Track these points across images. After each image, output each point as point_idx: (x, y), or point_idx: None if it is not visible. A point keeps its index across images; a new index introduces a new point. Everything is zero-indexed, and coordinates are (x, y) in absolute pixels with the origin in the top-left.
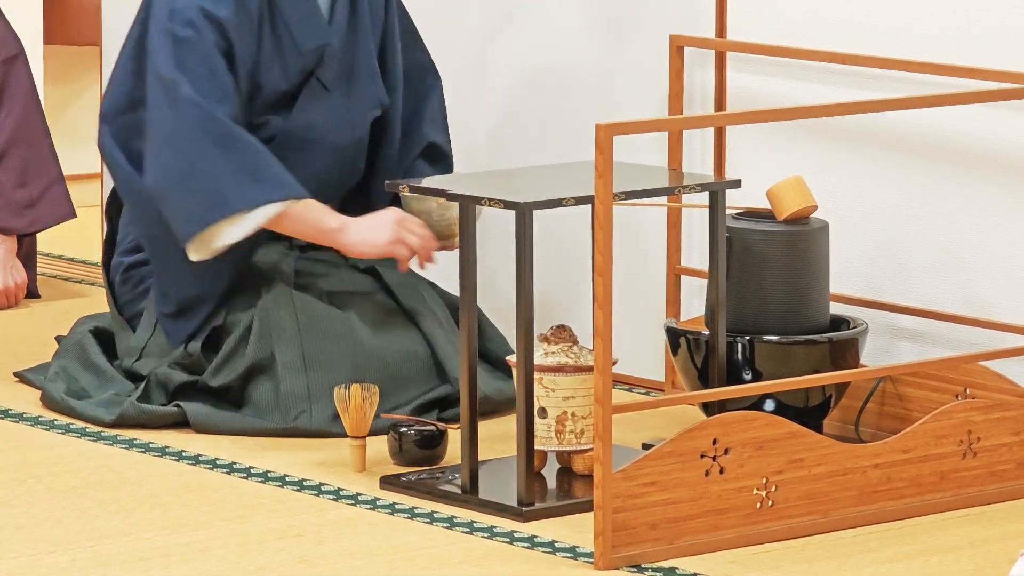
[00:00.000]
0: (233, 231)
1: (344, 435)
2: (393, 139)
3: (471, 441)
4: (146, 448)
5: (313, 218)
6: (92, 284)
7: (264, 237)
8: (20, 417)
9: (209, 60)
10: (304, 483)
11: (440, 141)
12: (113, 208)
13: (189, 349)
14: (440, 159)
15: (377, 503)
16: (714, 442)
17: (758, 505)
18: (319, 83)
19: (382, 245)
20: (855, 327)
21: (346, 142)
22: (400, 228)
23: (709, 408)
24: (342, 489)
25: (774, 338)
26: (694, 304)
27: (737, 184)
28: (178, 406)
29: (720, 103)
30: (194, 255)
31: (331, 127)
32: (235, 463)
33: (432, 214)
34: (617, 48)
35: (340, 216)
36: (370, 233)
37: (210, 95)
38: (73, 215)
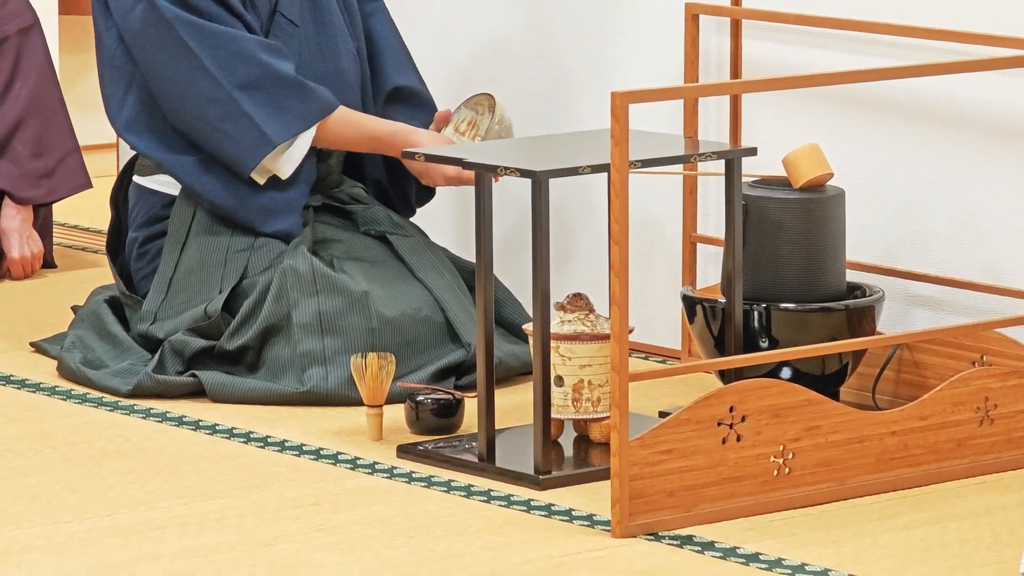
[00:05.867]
0: (290, 156)
1: (360, 402)
2: (364, 77)
3: (488, 410)
4: (163, 418)
5: (367, 123)
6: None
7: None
8: (37, 387)
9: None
10: (321, 452)
11: (407, 82)
12: (120, 199)
13: (208, 311)
14: (415, 101)
15: (394, 472)
16: (731, 410)
17: (775, 472)
18: (285, 19)
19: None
20: (871, 294)
21: (328, 77)
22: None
23: (726, 376)
24: (359, 458)
25: (791, 306)
26: (710, 272)
27: (753, 152)
28: (194, 375)
29: (735, 71)
30: (260, 179)
31: (307, 62)
32: (252, 432)
33: (489, 133)
34: (632, 16)
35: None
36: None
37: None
38: (89, 185)
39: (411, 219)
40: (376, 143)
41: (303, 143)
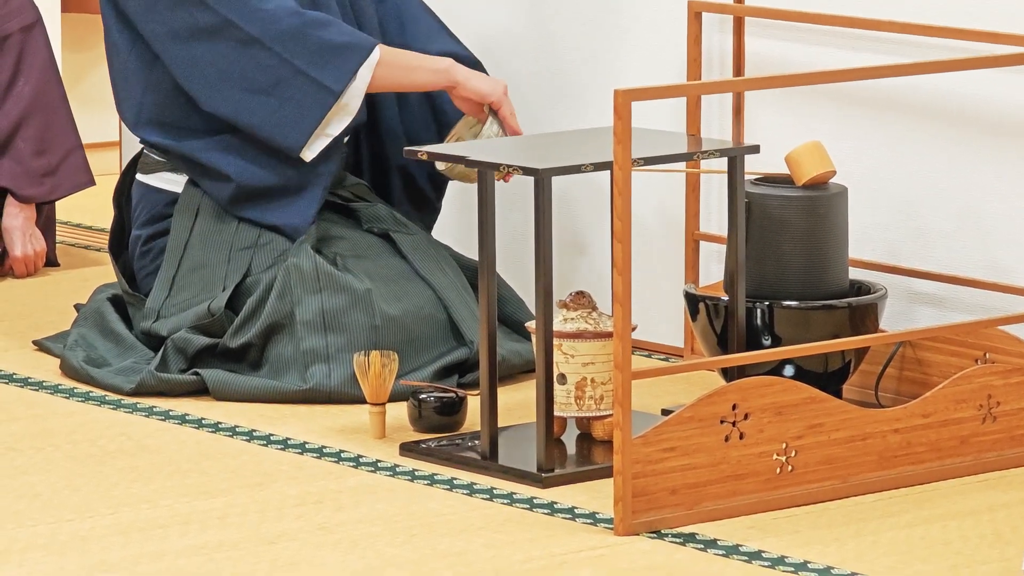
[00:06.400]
0: (340, 118)
1: (363, 400)
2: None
3: (491, 408)
4: (165, 416)
5: (412, 58)
6: None
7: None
8: (40, 385)
9: None
10: (323, 450)
11: (444, 48)
12: (123, 197)
13: (212, 309)
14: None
15: (397, 470)
16: (733, 407)
17: (778, 470)
18: None
19: (503, 86)
20: (874, 292)
21: None
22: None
23: (728, 374)
24: (362, 456)
25: (793, 303)
26: (713, 270)
27: (756, 149)
28: (196, 374)
29: (738, 68)
30: (309, 154)
31: None
32: (254, 430)
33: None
34: (635, 13)
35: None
36: (486, 77)
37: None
38: (92, 183)
39: (412, 217)
40: (426, 66)
41: (365, 74)
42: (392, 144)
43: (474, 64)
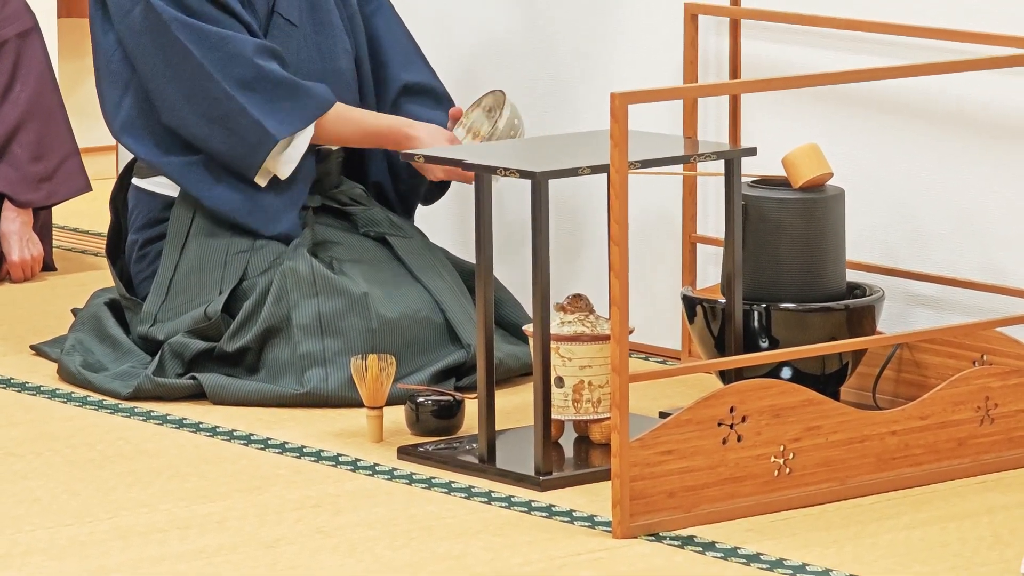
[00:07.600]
0: (289, 156)
1: (360, 403)
2: (364, 77)
3: (488, 411)
4: (163, 420)
5: (365, 118)
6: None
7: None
8: (37, 390)
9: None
10: (321, 454)
11: (417, 78)
12: (119, 201)
13: (208, 313)
14: (429, 97)
15: (395, 473)
16: (731, 410)
17: (775, 473)
18: (283, 19)
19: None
20: (872, 294)
21: (326, 76)
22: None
23: (726, 376)
24: (359, 459)
25: (791, 306)
26: (710, 272)
27: (752, 152)
28: (194, 378)
29: (735, 71)
30: (262, 180)
31: (305, 62)
32: (252, 434)
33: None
34: (631, 16)
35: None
36: (439, 138)
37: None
38: (88, 188)
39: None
40: (375, 138)
41: (301, 143)
42: (370, 159)
43: (444, 97)
